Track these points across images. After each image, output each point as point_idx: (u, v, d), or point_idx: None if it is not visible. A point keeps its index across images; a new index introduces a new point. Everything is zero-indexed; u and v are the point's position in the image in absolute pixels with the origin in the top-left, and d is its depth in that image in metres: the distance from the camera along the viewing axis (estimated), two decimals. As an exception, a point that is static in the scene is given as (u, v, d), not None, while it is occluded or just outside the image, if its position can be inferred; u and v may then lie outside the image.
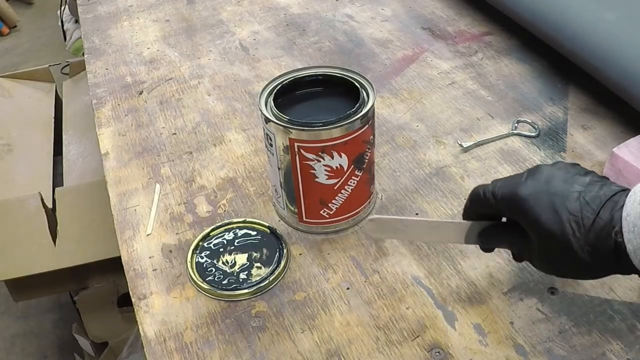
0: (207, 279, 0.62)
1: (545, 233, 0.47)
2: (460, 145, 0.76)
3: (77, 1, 1.21)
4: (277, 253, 0.64)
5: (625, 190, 0.46)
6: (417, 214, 0.68)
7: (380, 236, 0.63)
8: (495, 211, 0.51)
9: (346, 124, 0.58)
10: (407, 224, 0.56)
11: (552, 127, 0.78)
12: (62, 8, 1.99)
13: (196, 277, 0.62)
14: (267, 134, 0.61)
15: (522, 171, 0.72)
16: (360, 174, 0.62)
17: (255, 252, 0.64)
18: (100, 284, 1.19)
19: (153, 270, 0.64)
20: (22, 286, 1.12)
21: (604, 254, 0.45)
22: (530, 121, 0.79)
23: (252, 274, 0.62)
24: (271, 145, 0.61)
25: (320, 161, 0.59)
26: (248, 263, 0.63)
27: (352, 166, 0.61)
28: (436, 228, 0.56)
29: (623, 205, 0.45)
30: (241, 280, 0.61)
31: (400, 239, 0.63)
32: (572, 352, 0.53)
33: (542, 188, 0.48)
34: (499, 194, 0.50)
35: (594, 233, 0.45)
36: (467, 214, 0.55)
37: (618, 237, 0.44)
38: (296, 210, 0.65)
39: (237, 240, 0.66)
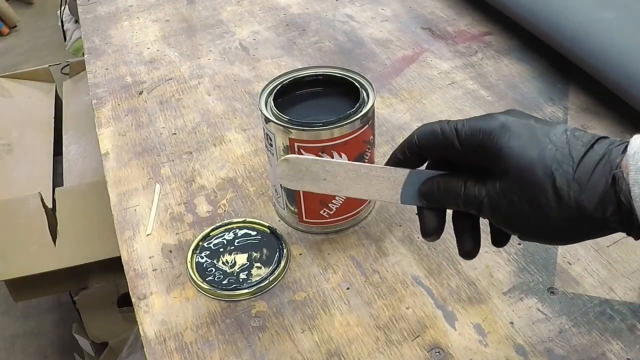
0: (207, 279, 0.62)
1: (523, 165, 0.38)
2: (460, 145, 0.76)
3: (77, 1, 1.21)
4: (277, 253, 0.64)
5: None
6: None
7: (295, 185, 0.49)
8: (456, 152, 0.42)
9: (346, 124, 0.58)
10: (329, 169, 0.46)
11: (552, 127, 0.78)
12: (62, 8, 1.99)
13: (196, 277, 0.62)
14: (267, 134, 0.61)
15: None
16: (360, 174, 0.62)
17: (255, 252, 0.64)
18: (100, 284, 1.19)
19: (153, 270, 0.64)
20: (22, 286, 1.12)
21: (595, 196, 0.37)
22: (530, 121, 0.79)
23: (252, 274, 0.62)
24: (271, 145, 0.61)
25: (320, 161, 0.59)
26: (248, 263, 0.63)
27: (352, 166, 0.61)
28: (365, 177, 0.46)
29: (623, 144, 0.37)
30: (241, 280, 0.61)
31: (321, 190, 0.49)
32: (572, 352, 0.53)
33: (520, 119, 0.40)
34: (466, 127, 0.41)
35: (585, 168, 0.37)
36: (406, 159, 0.44)
37: (618, 172, 0.36)
38: (296, 210, 0.65)
39: (237, 240, 0.66)
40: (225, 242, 0.66)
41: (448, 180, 0.43)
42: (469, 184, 0.42)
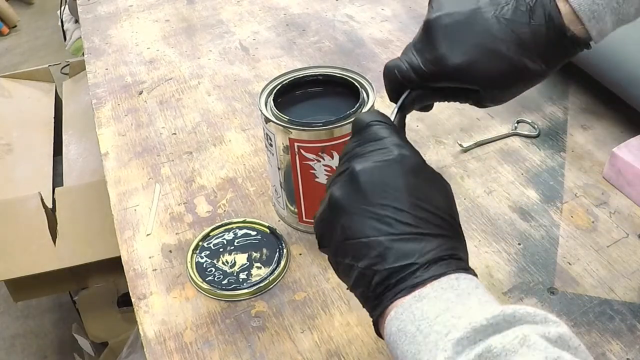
0: (207, 279, 0.62)
1: (493, 79, 0.47)
2: (460, 145, 0.76)
3: (77, 1, 1.21)
4: (277, 253, 0.64)
5: None
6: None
7: None
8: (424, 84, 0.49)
9: (346, 124, 0.58)
10: None
11: (552, 127, 0.78)
12: (62, 8, 1.99)
13: (196, 277, 0.62)
14: (267, 134, 0.61)
15: (522, 172, 0.72)
16: (360, 174, 0.62)
17: (255, 252, 0.64)
18: (100, 284, 1.19)
19: (153, 270, 0.64)
20: (22, 286, 1.12)
21: (558, 55, 0.46)
22: (530, 121, 0.79)
23: (252, 274, 0.62)
24: (271, 145, 0.61)
25: (320, 161, 0.59)
26: (248, 263, 0.63)
27: (352, 166, 0.61)
28: None
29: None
30: (241, 280, 0.61)
31: None
32: (572, 352, 0.53)
33: (464, 39, 0.46)
34: (420, 68, 0.48)
35: (542, 44, 0.45)
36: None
37: (569, 33, 0.45)
38: (296, 210, 0.65)
39: (237, 240, 0.66)
40: (225, 242, 0.66)
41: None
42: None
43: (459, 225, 0.42)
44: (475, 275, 0.40)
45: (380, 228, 0.39)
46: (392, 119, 0.48)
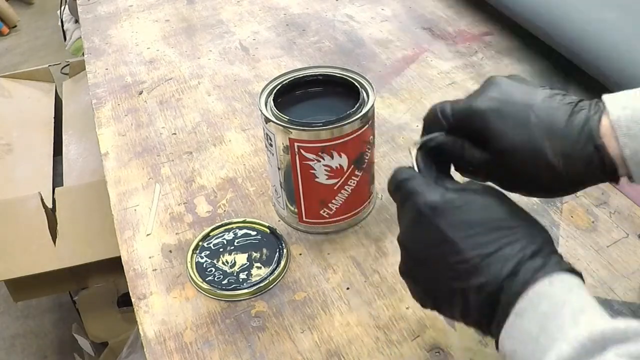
0: (207, 279, 0.62)
1: (516, 146, 0.43)
2: (460, 145, 0.76)
3: (77, 1, 1.21)
4: (277, 253, 0.64)
5: (585, 100, 0.44)
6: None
7: None
8: (451, 130, 0.47)
9: (346, 124, 0.58)
10: None
11: (552, 127, 0.78)
12: (62, 8, 1.99)
13: (196, 277, 0.62)
14: (267, 134, 0.61)
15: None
16: (360, 174, 0.62)
17: (255, 252, 0.64)
18: (100, 284, 1.19)
19: (153, 270, 0.64)
20: (22, 286, 1.12)
21: (582, 164, 0.42)
22: (530, 121, 0.79)
23: (252, 274, 0.62)
24: (271, 145, 0.61)
25: (320, 161, 0.59)
26: (248, 263, 0.63)
27: (352, 166, 0.61)
28: None
29: (597, 112, 0.43)
30: (241, 280, 0.61)
31: None
32: (572, 352, 0.53)
33: (502, 98, 0.44)
34: (453, 109, 0.46)
35: (570, 140, 0.42)
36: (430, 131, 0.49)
37: (600, 141, 0.42)
38: (296, 210, 0.65)
39: (237, 240, 0.66)
40: (225, 242, 0.66)
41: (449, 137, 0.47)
42: (466, 145, 0.47)
43: (524, 218, 0.42)
44: (568, 266, 0.40)
45: (452, 277, 0.41)
46: (414, 160, 0.47)
